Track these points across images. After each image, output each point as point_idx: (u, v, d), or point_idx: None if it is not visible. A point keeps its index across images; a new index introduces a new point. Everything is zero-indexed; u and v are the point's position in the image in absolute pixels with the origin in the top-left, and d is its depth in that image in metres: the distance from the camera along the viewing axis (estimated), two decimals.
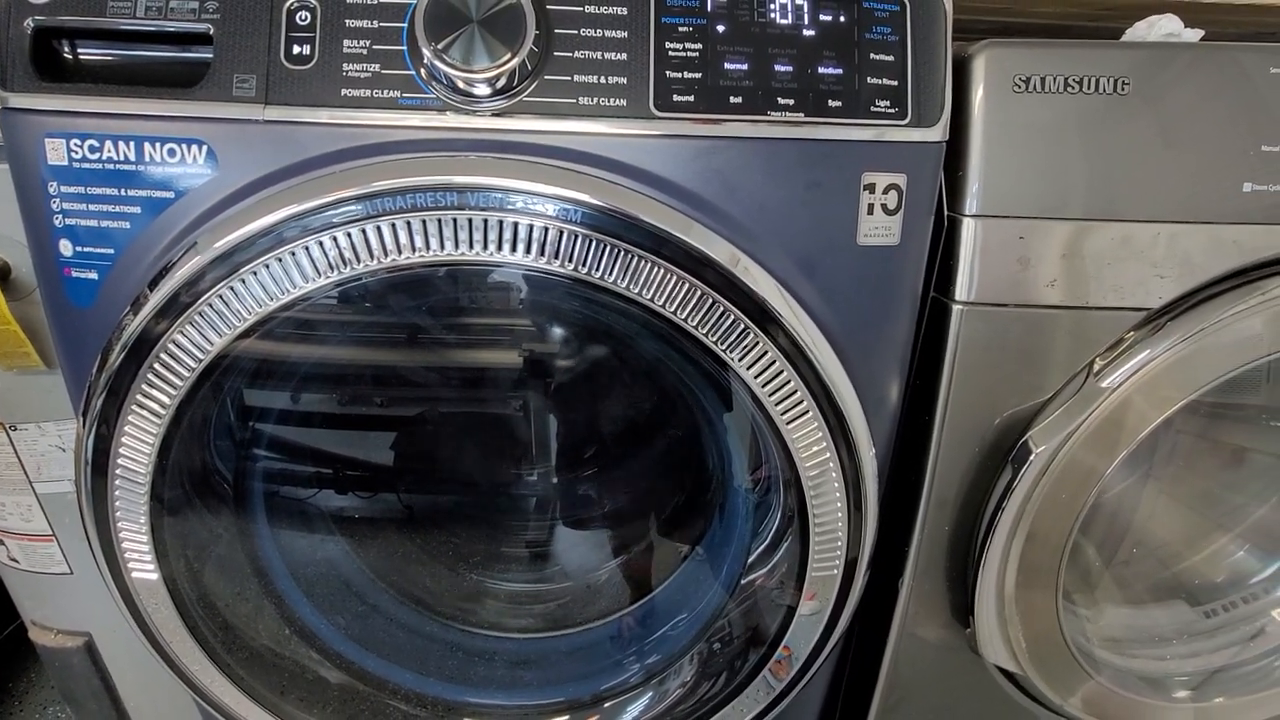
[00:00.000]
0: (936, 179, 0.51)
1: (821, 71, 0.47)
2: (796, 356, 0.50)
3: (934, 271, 0.58)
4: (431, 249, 0.46)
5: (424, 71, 0.46)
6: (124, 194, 0.48)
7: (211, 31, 0.46)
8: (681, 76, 0.47)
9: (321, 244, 0.46)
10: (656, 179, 0.48)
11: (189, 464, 0.57)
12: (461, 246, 0.47)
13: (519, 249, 0.46)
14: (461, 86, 0.46)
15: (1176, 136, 0.54)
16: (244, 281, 0.46)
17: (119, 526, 0.53)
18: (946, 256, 0.58)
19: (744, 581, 0.62)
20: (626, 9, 0.47)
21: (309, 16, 0.47)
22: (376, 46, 0.46)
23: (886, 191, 0.49)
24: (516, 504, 0.73)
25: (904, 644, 0.69)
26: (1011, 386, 0.58)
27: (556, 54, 0.47)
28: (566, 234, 0.46)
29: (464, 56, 0.45)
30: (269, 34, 0.46)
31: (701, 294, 0.48)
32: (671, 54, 0.47)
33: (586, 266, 0.47)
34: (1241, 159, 0.54)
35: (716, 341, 0.49)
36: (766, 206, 0.49)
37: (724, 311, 0.48)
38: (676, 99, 0.47)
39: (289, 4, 0.46)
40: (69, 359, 0.53)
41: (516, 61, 0.45)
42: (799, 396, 0.50)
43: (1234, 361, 0.58)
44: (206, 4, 0.47)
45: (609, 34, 0.47)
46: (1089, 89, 0.53)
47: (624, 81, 0.47)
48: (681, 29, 0.47)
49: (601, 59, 0.46)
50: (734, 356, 0.49)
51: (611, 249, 0.46)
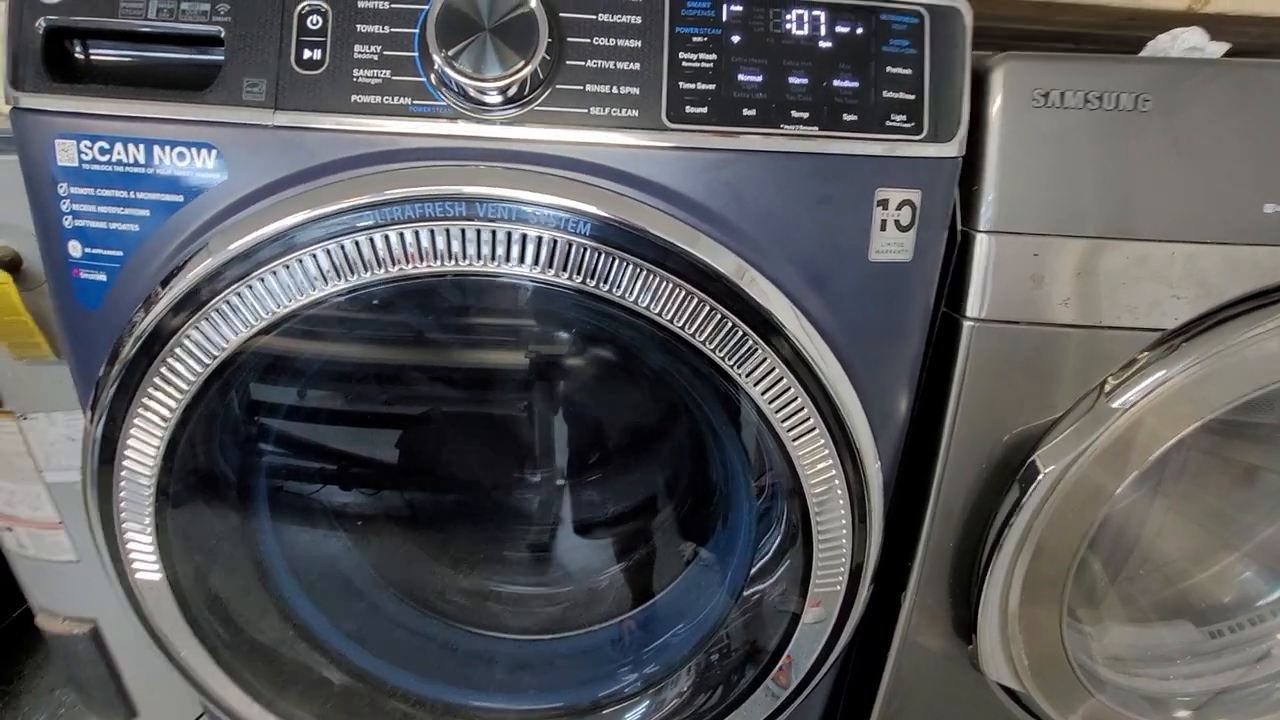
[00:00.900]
0: (951, 195, 0.50)
1: (837, 84, 0.46)
2: (803, 371, 0.49)
3: (945, 286, 0.57)
4: (440, 259, 0.46)
5: (434, 78, 0.46)
6: (133, 196, 0.48)
7: (222, 34, 0.46)
8: (695, 88, 0.46)
9: (329, 251, 0.46)
10: (667, 191, 0.48)
11: (195, 461, 0.57)
12: (470, 257, 0.46)
13: (526, 260, 0.46)
14: (472, 95, 0.45)
15: (1197, 155, 0.53)
16: (262, 280, 0.46)
17: (123, 521, 0.53)
18: (958, 272, 0.57)
19: (747, 592, 0.62)
20: (640, 18, 0.46)
21: (320, 21, 0.46)
22: (388, 53, 0.46)
23: (900, 208, 0.48)
24: (520, 507, 0.73)
25: (905, 655, 0.69)
26: (1021, 404, 0.58)
27: (569, 63, 0.46)
28: (575, 246, 0.46)
29: (475, 64, 0.44)
30: (280, 38, 0.46)
31: (709, 308, 0.47)
32: (685, 64, 0.46)
33: (594, 279, 0.46)
34: (1263, 179, 0.53)
35: (723, 355, 0.48)
36: (777, 220, 0.48)
37: (731, 326, 0.48)
38: (690, 110, 0.46)
39: (300, 8, 0.46)
40: (77, 358, 0.53)
41: (528, 70, 0.44)
42: (805, 412, 0.50)
43: (1251, 384, 0.57)
44: (218, 6, 0.47)
45: (622, 43, 0.46)
46: (1109, 105, 0.52)
47: (636, 92, 0.46)
48: (696, 39, 0.46)
49: (614, 68, 0.46)
50: (740, 371, 0.49)
51: (619, 261, 0.46)
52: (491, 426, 0.70)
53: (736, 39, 0.47)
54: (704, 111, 0.46)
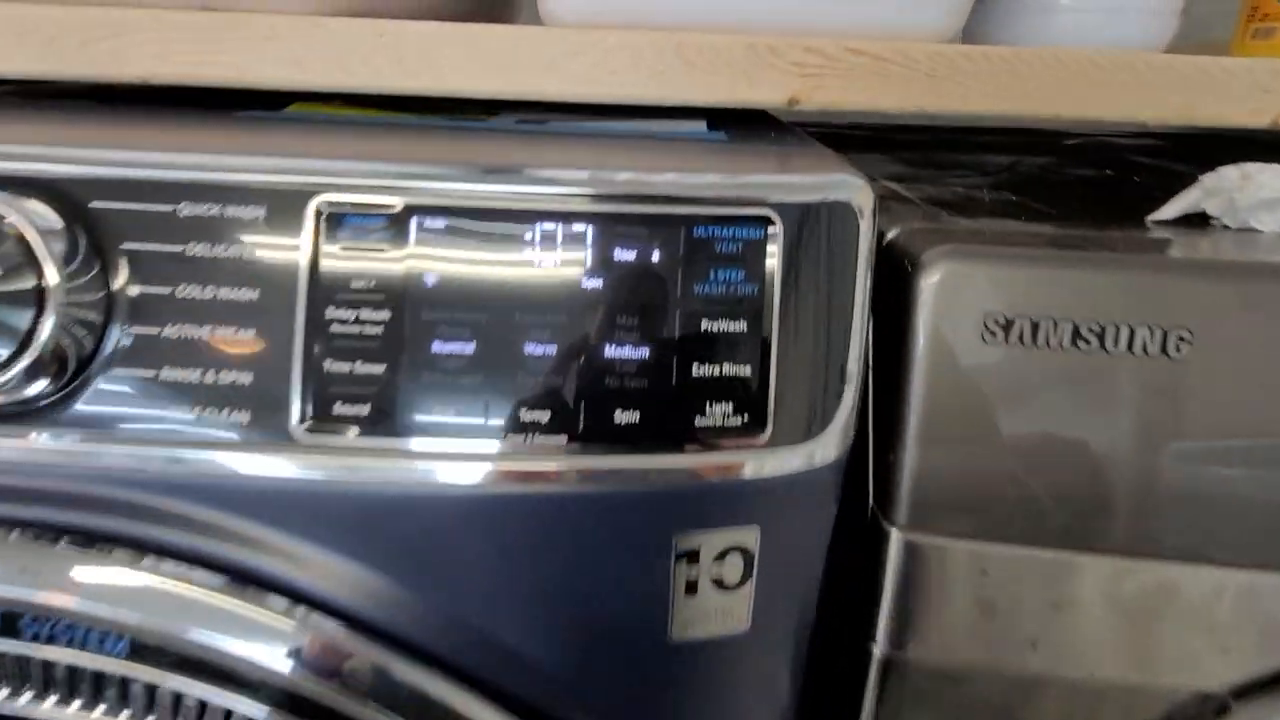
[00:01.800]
0: (825, 516, 0.30)
1: (607, 355, 0.26)
2: None
3: (857, 606, 0.35)
4: None
5: None
6: None
7: None
8: (351, 371, 0.26)
9: None
10: (290, 555, 0.27)
11: None
12: None
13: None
14: None
15: None
16: None
17: None
18: (869, 579, 0.38)
19: None
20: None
21: None
22: None
23: (723, 557, 0.30)
24: None
25: None
26: None
27: (128, 336, 0.26)
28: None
29: None
30: None
31: None
32: (335, 333, 0.26)
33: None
34: None
35: None
36: (499, 598, 0.28)
37: None
38: (340, 410, 0.26)
39: None
40: None
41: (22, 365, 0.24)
42: None
43: None
44: None
45: (228, 295, 0.26)
46: (1116, 345, 0.30)
47: (248, 382, 0.26)
48: (354, 287, 0.26)
49: (210, 342, 0.26)
50: None
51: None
52: None
53: (430, 280, 0.26)
54: (363, 413, 0.26)
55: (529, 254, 0.26)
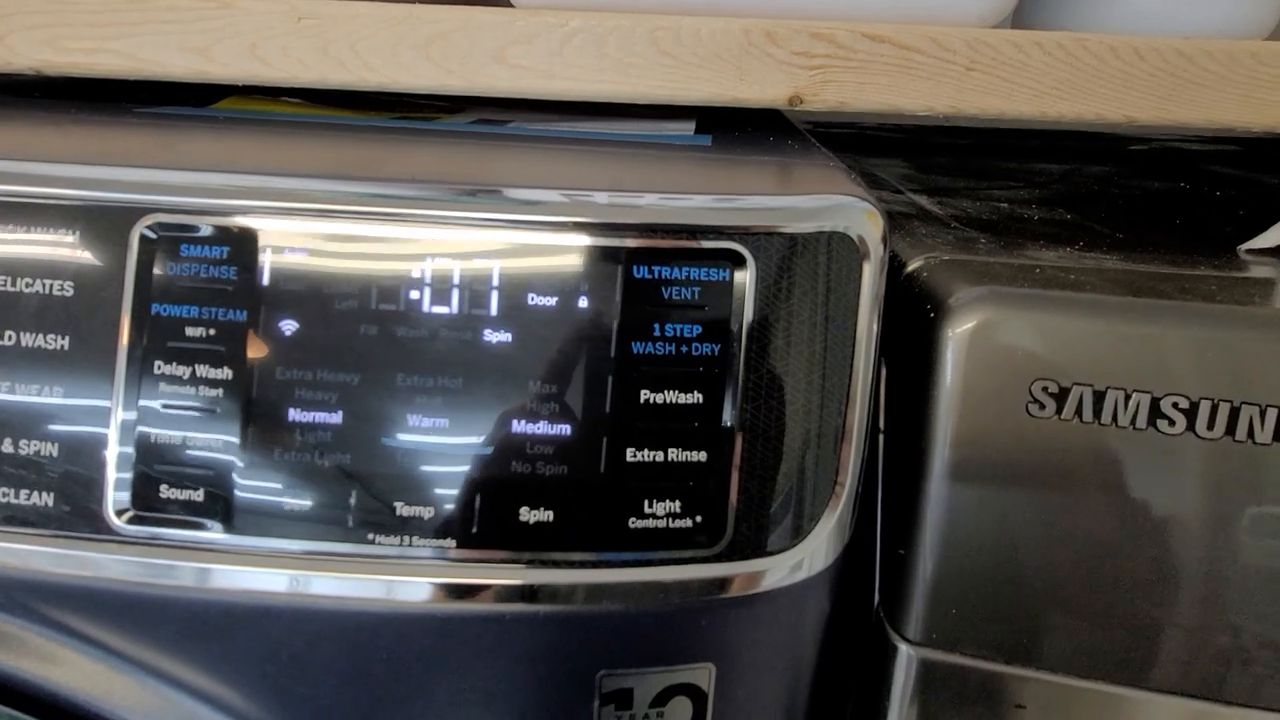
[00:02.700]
0: (805, 646, 0.22)
1: (516, 431, 0.19)
2: None
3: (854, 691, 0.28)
4: None
5: None
6: None
7: None
8: (181, 448, 0.20)
9: None
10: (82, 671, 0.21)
11: None
12: None
13: None
14: None
15: None
16: None
17: None
18: (874, 694, 0.32)
19: None
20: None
21: None
22: None
23: (665, 702, 0.23)
24: None
25: None
26: None
27: None
28: None
29: None
30: None
31: None
32: (164, 409, 0.20)
33: None
34: None
35: None
36: None
37: None
38: (167, 495, 0.20)
39: None
40: None
41: None
42: None
43: None
44: None
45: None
46: (1213, 428, 0.23)
47: (53, 462, 0.20)
48: (191, 338, 0.21)
49: (14, 413, 0.20)
50: None
51: None
52: None
53: (286, 329, 0.20)
54: (195, 499, 0.20)
55: (415, 297, 0.21)
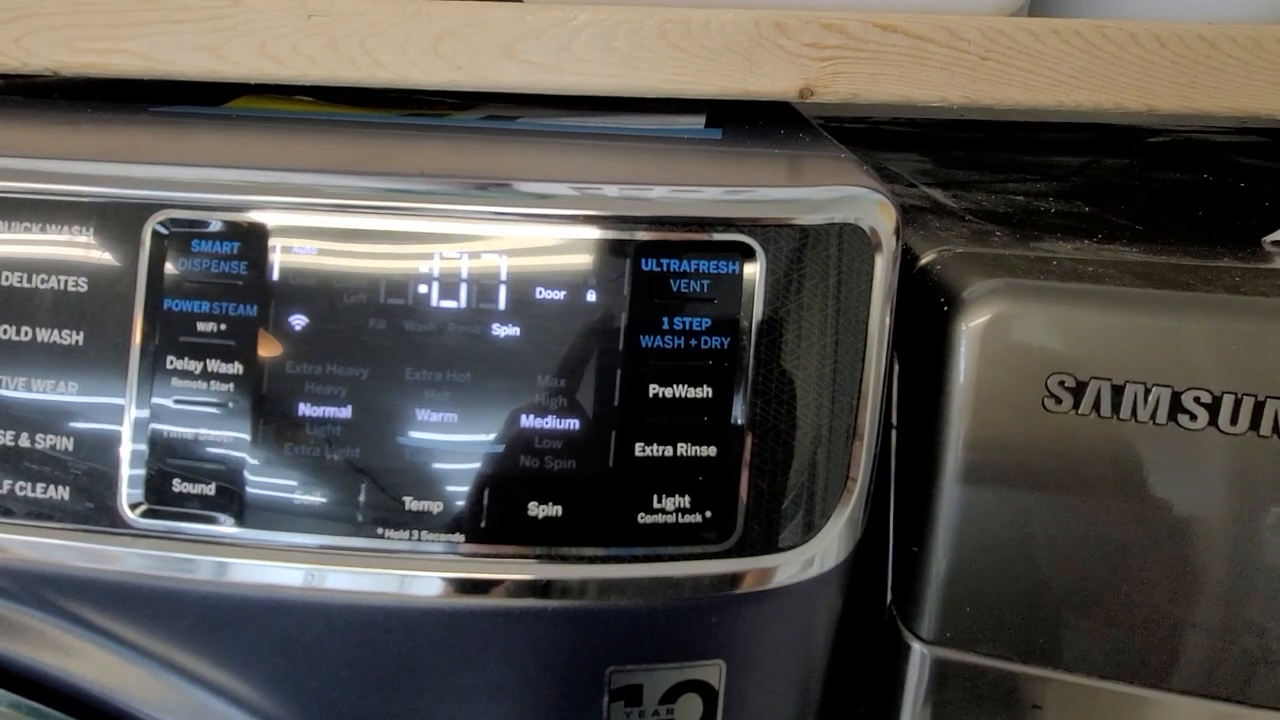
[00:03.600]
0: (817, 642, 0.22)
1: (524, 425, 0.19)
2: None
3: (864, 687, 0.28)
4: None
5: None
6: None
7: None
8: (195, 438, 0.20)
9: None
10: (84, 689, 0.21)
11: None
12: None
13: None
14: None
15: None
16: None
17: None
18: (888, 692, 0.31)
19: None
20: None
21: None
22: None
23: (674, 698, 0.23)
24: None
25: None
26: None
27: None
28: None
29: None
30: None
31: None
32: (176, 404, 0.20)
33: None
34: None
35: None
36: None
37: None
38: (178, 489, 0.20)
39: None
40: None
41: None
42: None
43: None
44: None
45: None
46: (1236, 423, 0.22)
47: (69, 456, 0.20)
48: (201, 333, 0.21)
49: (30, 407, 0.20)
50: None
51: None
52: None
53: (296, 324, 0.20)
54: (207, 493, 0.20)
55: (424, 291, 0.21)
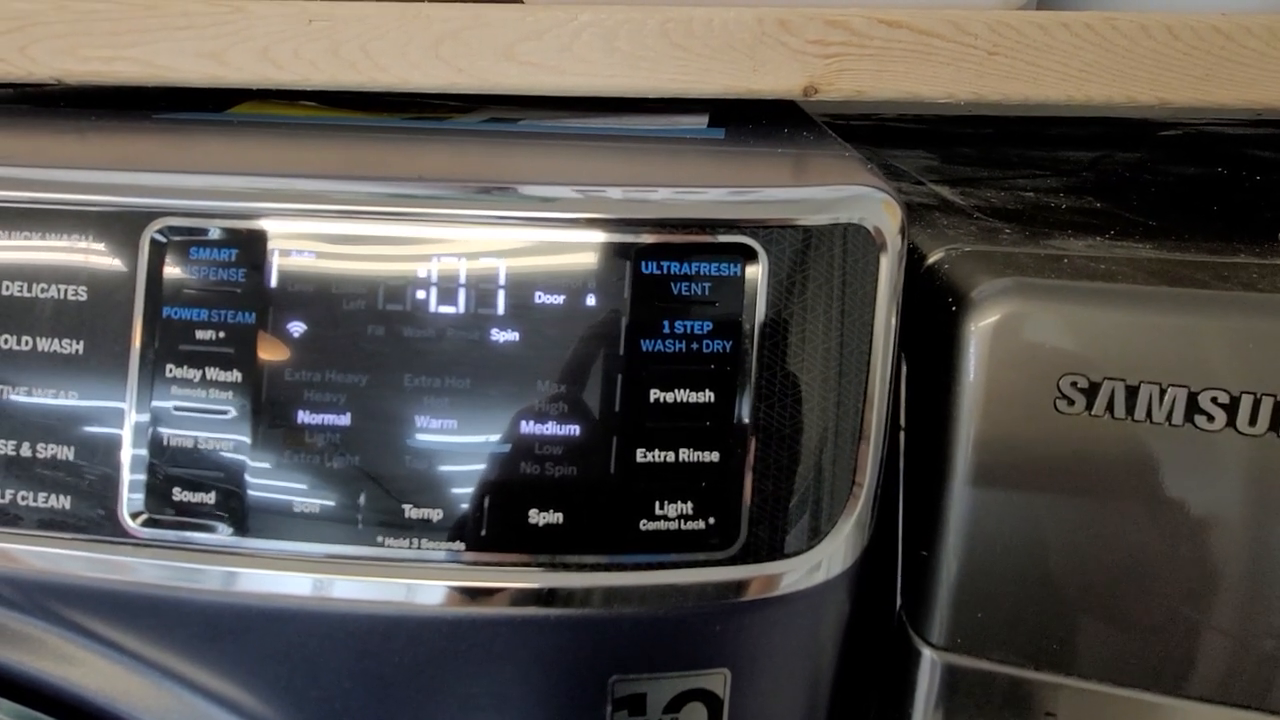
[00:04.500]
0: (824, 650, 0.22)
1: (524, 432, 0.19)
2: None
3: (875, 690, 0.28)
4: None
5: None
6: None
7: None
8: (194, 446, 0.20)
9: None
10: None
11: None
12: None
13: None
14: None
15: None
16: None
17: None
18: (897, 696, 0.31)
19: None
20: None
21: None
22: None
23: (678, 708, 0.23)
24: None
25: None
26: None
27: None
28: None
29: None
30: None
31: None
32: (176, 411, 0.20)
33: None
34: None
35: None
36: None
37: None
38: (181, 498, 0.20)
39: None
40: None
41: None
42: None
43: None
44: None
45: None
46: (1255, 424, 0.22)
47: (68, 465, 0.20)
48: (200, 340, 0.21)
49: (31, 416, 0.20)
50: None
51: None
52: None
53: (294, 330, 0.19)
54: (207, 502, 0.20)
55: (422, 297, 0.21)
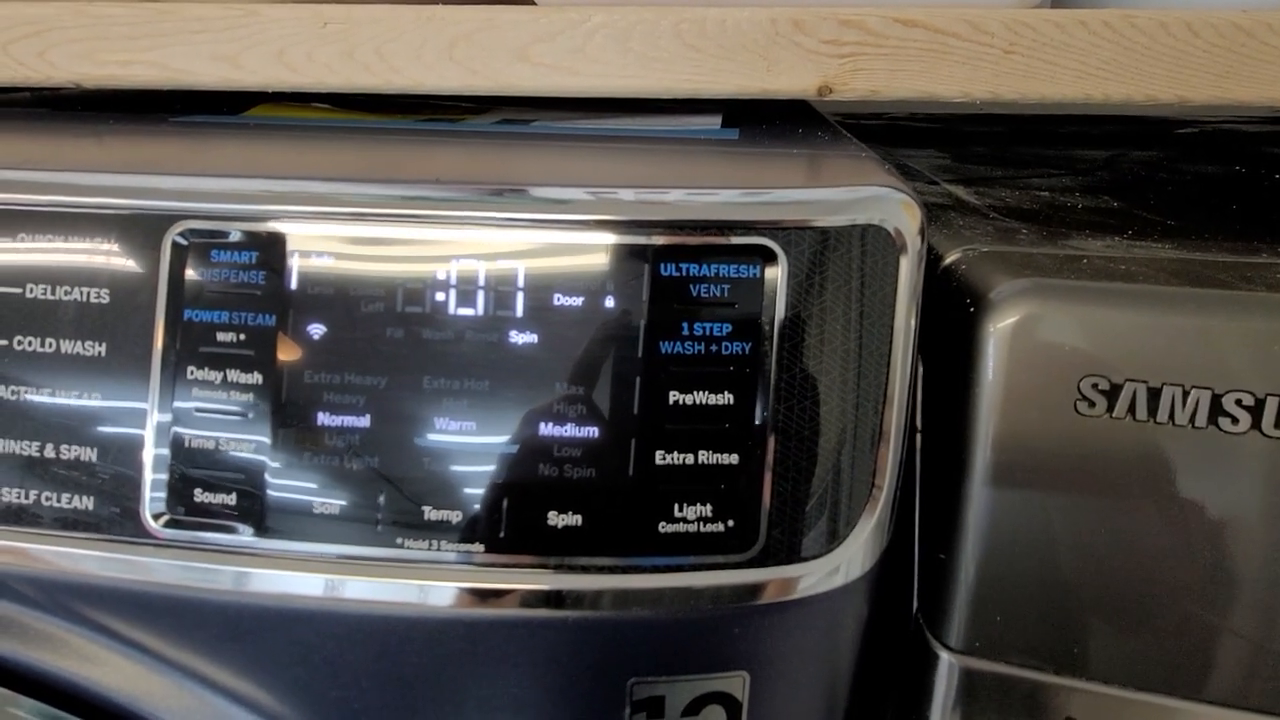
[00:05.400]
0: (843, 653, 0.22)
1: (542, 433, 0.19)
2: None
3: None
4: None
5: None
6: None
7: None
8: (215, 447, 0.20)
9: None
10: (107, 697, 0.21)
11: None
12: None
13: None
14: None
15: None
16: None
17: None
18: (915, 697, 0.31)
19: None
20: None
21: None
22: None
23: (697, 710, 0.22)
24: None
25: None
26: None
27: None
28: None
29: None
30: None
31: None
32: (197, 412, 0.20)
33: None
34: None
35: None
36: None
37: None
38: (200, 500, 0.20)
39: None
40: None
41: None
42: None
43: None
44: None
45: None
46: (1279, 426, 0.21)
47: (92, 466, 0.20)
48: (219, 341, 0.21)
49: (55, 416, 0.20)
50: None
51: None
52: None
53: (314, 333, 0.19)
54: (228, 503, 0.20)
55: (441, 299, 0.21)
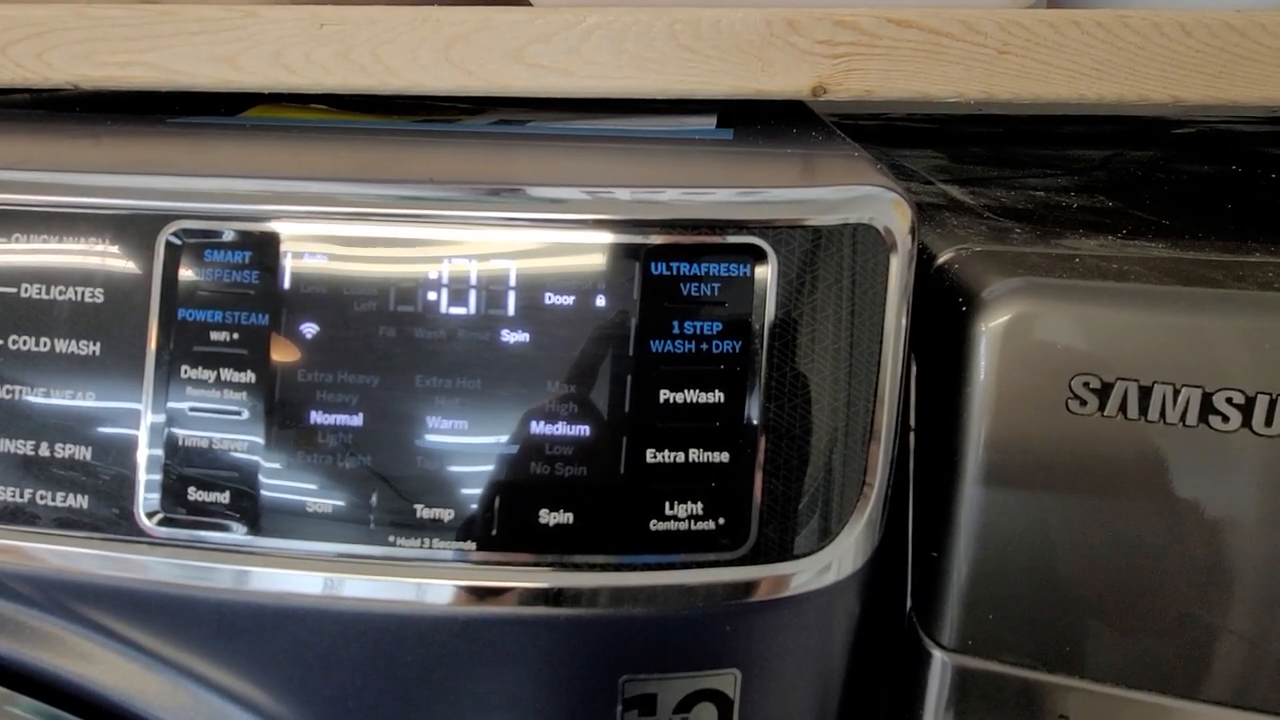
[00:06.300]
0: (834, 651, 0.22)
1: (534, 432, 0.19)
2: None
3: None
4: None
5: None
6: None
7: None
8: (209, 446, 0.20)
9: None
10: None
11: None
12: None
13: None
14: None
15: None
16: None
17: None
18: (907, 698, 0.31)
19: None
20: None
21: None
22: None
23: (689, 708, 0.23)
24: None
25: None
26: None
27: None
28: None
29: None
30: None
31: None
32: (191, 411, 0.20)
33: None
34: None
35: None
36: None
37: None
38: (195, 498, 0.20)
39: None
40: None
41: None
42: None
43: None
44: None
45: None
46: (1272, 424, 0.21)
47: (86, 464, 0.20)
48: (201, 348, 0.21)
49: (49, 415, 0.20)
50: None
51: None
52: None
53: (307, 332, 0.20)
54: (218, 502, 0.20)
55: (433, 298, 0.21)
